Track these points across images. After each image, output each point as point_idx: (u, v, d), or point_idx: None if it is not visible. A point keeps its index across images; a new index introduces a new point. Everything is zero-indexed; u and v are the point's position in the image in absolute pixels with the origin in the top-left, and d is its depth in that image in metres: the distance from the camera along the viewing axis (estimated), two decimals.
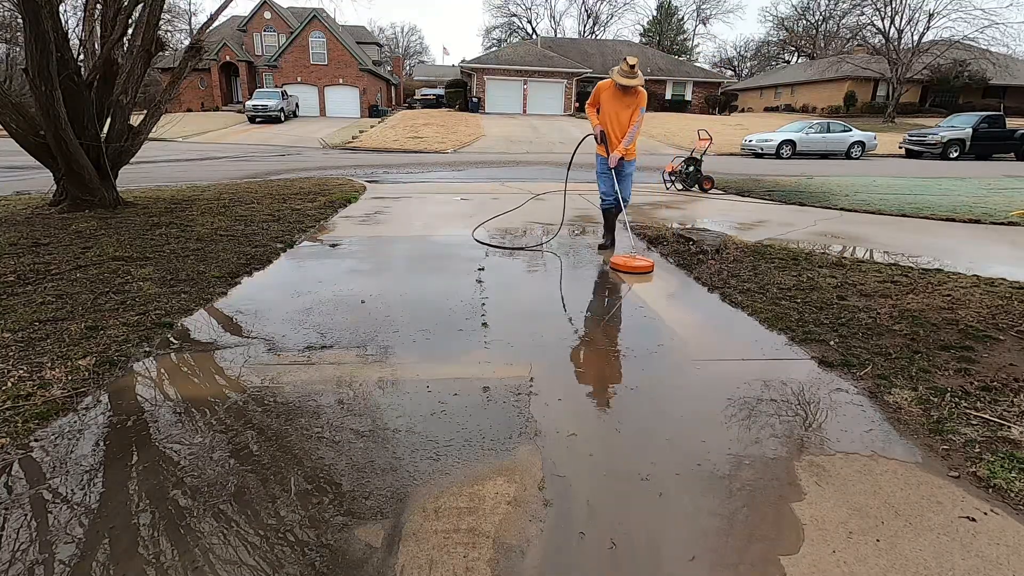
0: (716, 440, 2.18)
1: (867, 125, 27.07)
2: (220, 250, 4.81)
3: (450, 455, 2.05)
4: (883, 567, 1.57)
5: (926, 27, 31.65)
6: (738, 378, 2.70)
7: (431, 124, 27.18)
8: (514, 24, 59.94)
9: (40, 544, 1.60)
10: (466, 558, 1.58)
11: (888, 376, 2.67)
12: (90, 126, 6.48)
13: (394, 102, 43.38)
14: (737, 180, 11.36)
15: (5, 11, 15.74)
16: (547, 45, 41.42)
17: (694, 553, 1.62)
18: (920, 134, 21.79)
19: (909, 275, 4.36)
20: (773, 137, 20.70)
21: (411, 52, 72.11)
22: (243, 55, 35.96)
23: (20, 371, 2.54)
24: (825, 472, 1.99)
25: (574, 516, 1.76)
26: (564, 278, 4.49)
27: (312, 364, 2.76)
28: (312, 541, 1.63)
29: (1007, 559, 1.61)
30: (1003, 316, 3.48)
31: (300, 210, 6.79)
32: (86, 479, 1.88)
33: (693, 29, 67.55)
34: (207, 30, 7.84)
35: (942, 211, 7.61)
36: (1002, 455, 2.04)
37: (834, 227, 6.65)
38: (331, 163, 15.41)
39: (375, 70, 36.40)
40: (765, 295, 3.86)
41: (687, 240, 5.35)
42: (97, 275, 4.01)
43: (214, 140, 23.47)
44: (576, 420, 2.32)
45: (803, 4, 53.44)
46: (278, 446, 2.09)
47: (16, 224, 5.72)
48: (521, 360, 2.86)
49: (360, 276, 4.32)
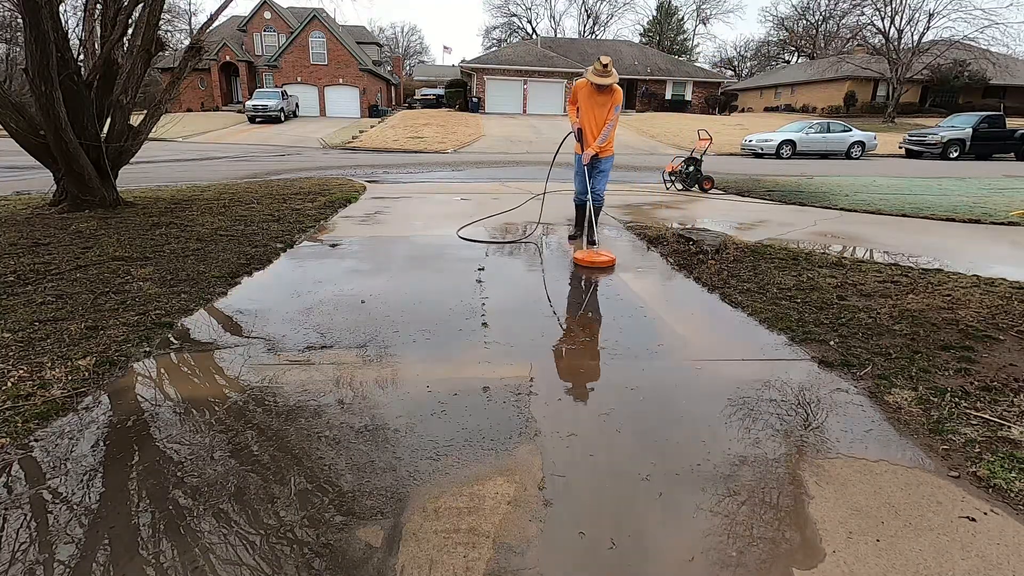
0: (716, 440, 2.18)
1: (867, 125, 27.07)
2: (220, 250, 4.81)
3: (450, 455, 2.05)
4: (883, 567, 1.57)
5: (926, 27, 31.67)
6: (738, 378, 2.70)
7: (431, 124, 27.18)
8: (514, 24, 60.00)
9: (40, 544, 1.60)
10: (466, 558, 1.58)
11: (888, 376, 2.67)
12: (90, 126, 6.48)
13: (394, 102, 43.37)
14: (737, 180, 11.36)
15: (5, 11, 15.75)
16: (547, 45, 41.43)
17: (693, 553, 1.62)
18: (920, 134, 21.78)
19: (909, 275, 4.36)
20: (773, 137, 20.69)
21: (411, 52, 72.12)
22: (243, 55, 35.95)
23: (20, 371, 2.54)
24: (825, 472, 1.99)
25: (574, 516, 1.76)
26: (564, 278, 4.49)
27: (312, 364, 2.76)
28: (312, 541, 1.63)
29: (1007, 559, 1.61)
30: (1003, 316, 3.48)
31: (300, 210, 6.79)
32: (86, 479, 1.88)
33: (693, 29, 67.64)
34: (207, 30, 7.83)
35: (942, 211, 7.61)
36: (1002, 455, 2.04)
37: (834, 227, 6.65)
38: (331, 163, 15.40)
39: (375, 70, 36.40)
40: (765, 295, 3.86)
41: (687, 240, 5.34)
42: (97, 275, 4.01)
43: (214, 140, 23.47)
44: (576, 420, 2.32)
45: (803, 4, 53.48)
46: (278, 446, 2.09)
47: (16, 224, 5.72)
48: (521, 360, 2.86)
49: (360, 276, 4.32)
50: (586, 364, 2.92)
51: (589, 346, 3.15)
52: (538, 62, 36.74)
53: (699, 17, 63.19)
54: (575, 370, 2.83)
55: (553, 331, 3.31)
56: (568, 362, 2.91)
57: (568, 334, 3.30)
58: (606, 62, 4.71)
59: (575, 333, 3.33)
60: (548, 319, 3.53)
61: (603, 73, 4.70)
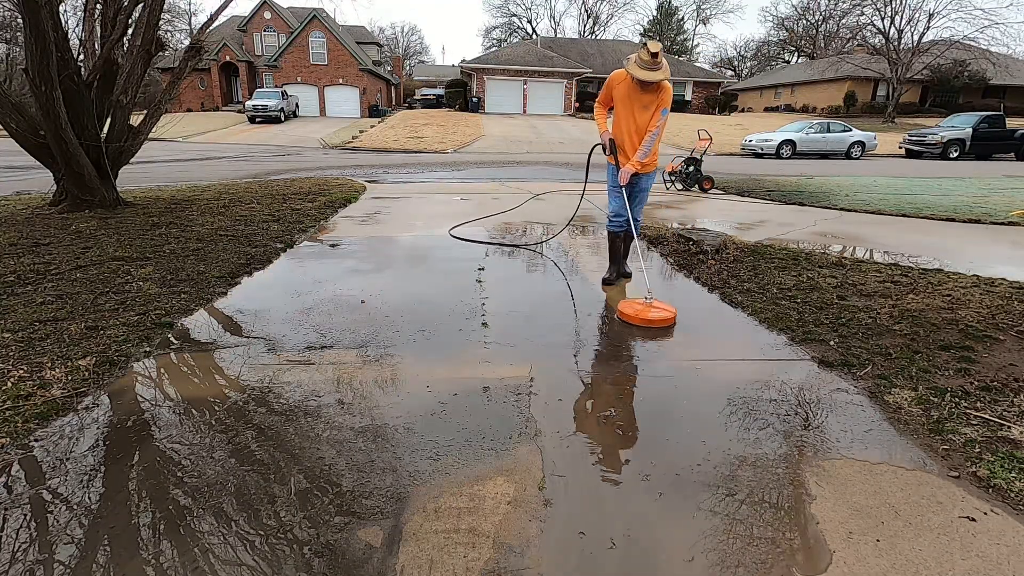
0: (716, 440, 2.18)
1: (867, 125, 27.08)
2: (220, 250, 4.81)
3: (450, 455, 2.05)
4: (883, 567, 1.57)
5: (926, 27, 31.70)
6: (738, 378, 2.70)
7: (431, 124, 27.18)
8: (514, 24, 59.99)
9: (40, 544, 1.60)
10: (466, 558, 1.58)
11: (888, 376, 2.67)
12: (90, 126, 6.48)
13: (394, 102, 43.37)
14: (737, 180, 11.36)
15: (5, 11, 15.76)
16: (547, 45, 41.42)
17: (693, 553, 1.62)
18: (920, 134, 21.79)
19: (909, 275, 4.36)
20: (773, 137, 20.71)
21: (411, 52, 72.13)
22: (243, 55, 35.95)
23: (20, 371, 2.53)
24: (825, 472, 1.99)
25: (574, 516, 1.76)
26: (563, 278, 4.49)
27: (312, 364, 2.76)
28: (312, 541, 1.63)
29: (1007, 559, 1.61)
30: (1003, 316, 3.48)
31: (300, 210, 6.79)
32: (86, 479, 1.88)
33: (693, 29, 67.70)
34: (207, 30, 7.83)
35: (942, 211, 7.60)
36: (1002, 455, 2.04)
37: (834, 227, 6.64)
38: (331, 163, 15.41)
39: (375, 70, 36.40)
40: (765, 295, 3.86)
41: (687, 240, 5.34)
42: (97, 275, 4.01)
43: (214, 140, 23.47)
44: (576, 420, 2.32)
45: (803, 4, 53.40)
46: (278, 446, 2.09)
47: (16, 224, 5.72)
48: (521, 360, 2.86)
49: (360, 276, 4.32)
50: (586, 364, 2.92)
51: (589, 346, 3.15)
52: (538, 62, 36.74)
53: (699, 17, 63.28)
54: (575, 370, 2.83)
55: (553, 331, 3.31)
56: (568, 362, 2.91)
57: (568, 334, 3.30)
58: (655, 49, 3.53)
59: (575, 333, 3.33)
60: (548, 319, 3.53)
61: (651, 64, 3.54)
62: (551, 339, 3.18)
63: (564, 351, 3.04)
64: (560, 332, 3.31)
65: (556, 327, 3.39)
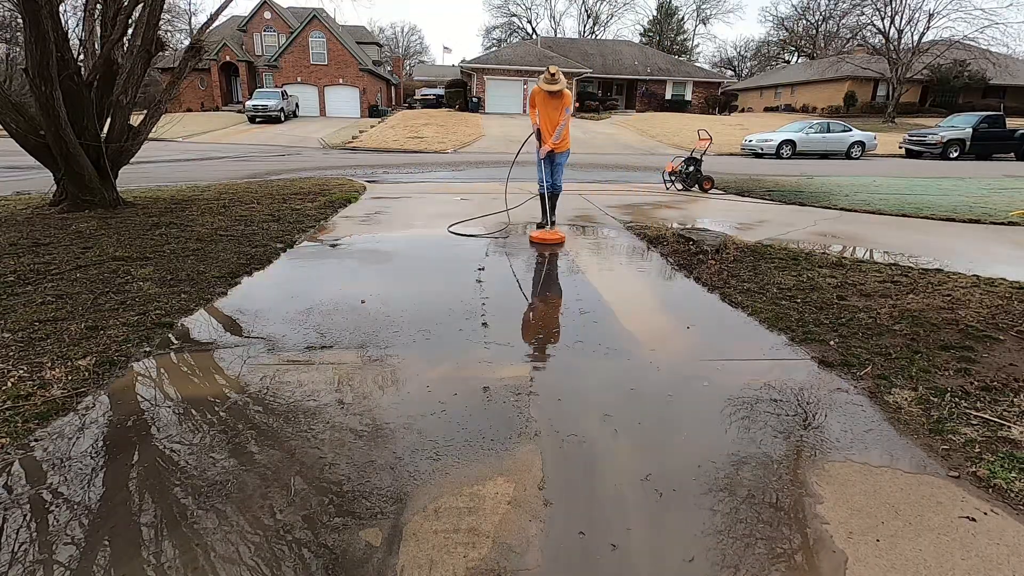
0: (716, 440, 2.18)
1: (867, 125, 27.07)
2: (220, 250, 4.81)
3: (450, 455, 2.05)
4: (883, 567, 1.57)
5: (926, 27, 31.69)
6: (738, 378, 2.70)
7: (431, 124, 27.17)
8: (514, 24, 60.02)
9: (40, 544, 1.60)
10: (466, 558, 1.58)
11: (888, 376, 2.67)
12: (90, 126, 6.48)
13: (394, 102, 43.36)
14: (737, 180, 11.36)
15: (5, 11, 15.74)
16: (547, 45, 41.41)
17: (693, 553, 1.62)
18: (920, 134, 21.78)
19: (909, 275, 4.36)
20: (773, 137, 20.70)
21: (411, 52, 72.10)
22: (243, 55, 35.92)
23: (20, 371, 2.54)
24: (825, 472, 1.99)
25: (574, 516, 1.76)
26: (563, 279, 4.49)
27: (312, 364, 2.76)
28: (312, 541, 1.63)
29: (1007, 559, 1.61)
30: (1003, 316, 3.48)
31: (300, 210, 6.79)
32: (86, 479, 1.88)
33: (693, 29, 67.68)
34: (207, 30, 7.83)
35: (942, 211, 7.60)
36: (1002, 455, 2.04)
37: (834, 227, 6.65)
38: (331, 163, 15.40)
39: (375, 70, 36.40)
40: (765, 295, 3.86)
41: (687, 240, 5.34)
42: (97, 275, 4.01)
43: (214, 140, 23.47)
44: (576, 420, 2.32)
45: (803, 4, 53.42)
46: (278, 446, 2.09)
47: (16, 224, 5.72)
48: (521, 360, 2.86)
49: (360, 276, 4.32)
50: (586, 364, 2.92)
51: (589, 346, 3.15)
52: (538, 62, 36.70)
53: (699, 17, 63.32)
54: (575, 370, 2.83)
55: (553, 331, 3.31)
56: (568, 362, 2.91)
57: (568, 334, 3.30)
58: (553, 71, 5.50)
59: (575, 333, 3.33)
60: (548, 319, 3.53)
61: (551, 80, 5.46)
62: (551, 339, 3.18)
63: (564, 351, 3.04)
64: (560, 332, 3.31)
65: (556, 327, 3.39)
